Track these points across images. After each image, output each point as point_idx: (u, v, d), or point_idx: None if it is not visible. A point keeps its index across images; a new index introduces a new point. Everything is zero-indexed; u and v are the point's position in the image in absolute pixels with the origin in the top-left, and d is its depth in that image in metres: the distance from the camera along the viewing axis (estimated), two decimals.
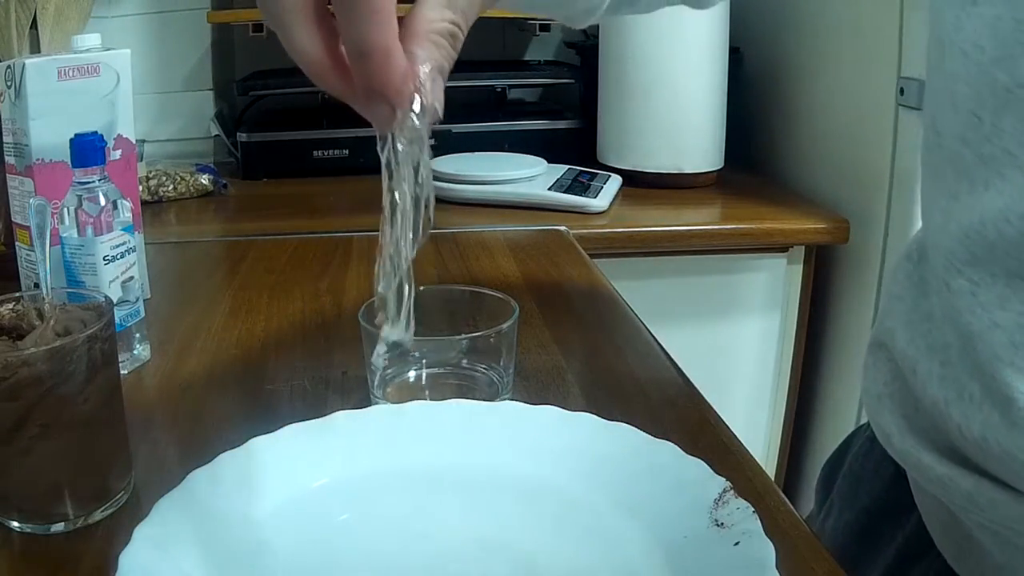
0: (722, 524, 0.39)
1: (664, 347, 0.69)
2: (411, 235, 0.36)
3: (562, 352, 0.66)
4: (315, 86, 0.34)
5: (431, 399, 0.53)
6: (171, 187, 1.19)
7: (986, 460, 0.38)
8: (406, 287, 0.36)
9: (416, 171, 0.35)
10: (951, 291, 0.40)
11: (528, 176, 1.18)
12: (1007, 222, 0.36)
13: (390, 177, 0.35)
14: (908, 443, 0.44)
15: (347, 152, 1.31)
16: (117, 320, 0.60)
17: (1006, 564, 0.42)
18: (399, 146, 0.34)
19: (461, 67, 0.38)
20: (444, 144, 1.26)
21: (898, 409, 0.45)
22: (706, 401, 0.60)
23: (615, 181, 1.23)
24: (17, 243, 0.68)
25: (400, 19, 0.33)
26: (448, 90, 0.35)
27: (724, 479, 0.42)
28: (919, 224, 0.48)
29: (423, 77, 0.34)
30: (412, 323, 0.37)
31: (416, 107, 0.33)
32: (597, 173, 1.24)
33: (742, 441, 0.54)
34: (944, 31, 0.39)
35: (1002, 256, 0.37)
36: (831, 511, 0.58)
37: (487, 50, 1.55)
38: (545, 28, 1.44)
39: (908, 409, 0.44)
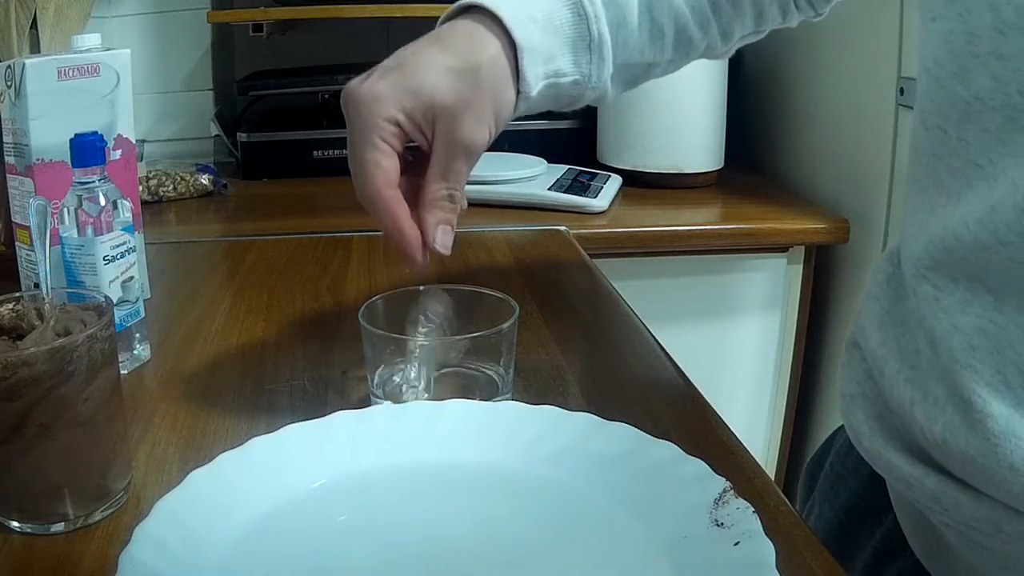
0: (722, 524, 0.39)
1: (664, 347, 0.69)
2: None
3: (562, 352, 0.66)
4: (315, 86, 0.39)
5: (431, 399, 0.53)
6: (171, 187, 1.19)
7: (948, 461, 0.39)
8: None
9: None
10: (917, 296, 0.41)
11: (528, 176, 1.18)
12: (964, 226, 0.37)
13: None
14: (877, 443, 0.44)
15: (347, 152, 1.31)
16: (117, 320, 0.60)
17: (974, 563, 0.42)
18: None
19: None
20: None
21: (870, 409, 0.45)
22: (706, 401, 0.60)
23: (615, 181, 1.23)
24: (17, 243, 0.68)
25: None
26: None
27: (724, 479, 0.42)
28: None
29: (431, 231, 0.50)
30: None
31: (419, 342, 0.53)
32: (597, 173, 1.24)
33: (742, 441, 0.54)
34: (918, 51, 0.41)
35: (960, 261, 0.38)
36: (812, 509, 0.59)
37: None
38: None
39: (879, 409, 0.45)
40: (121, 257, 0.60)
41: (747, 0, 0.59)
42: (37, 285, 0.49)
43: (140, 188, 1.13)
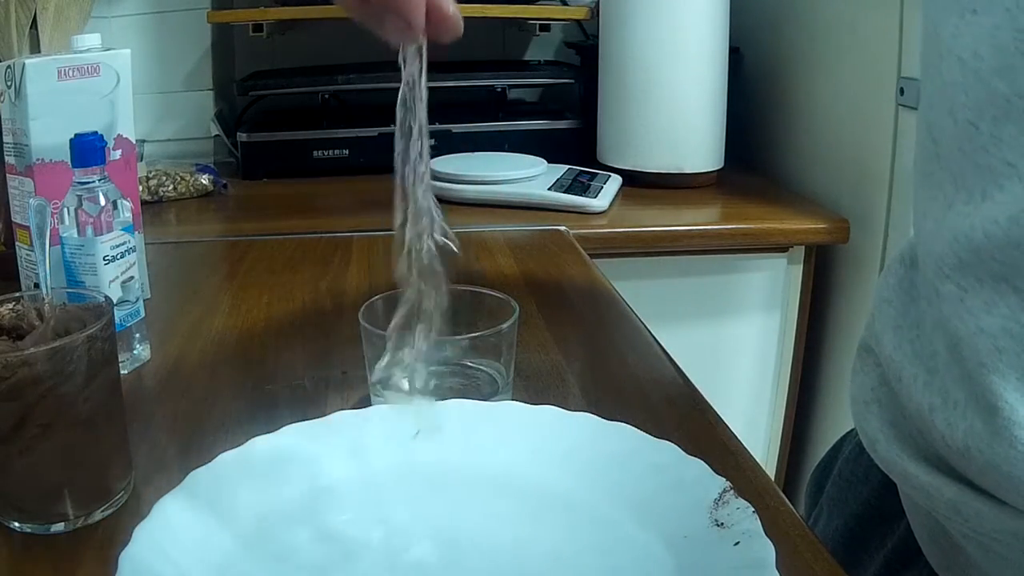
0: (722, 524, 0.39)
1: (664, 347, 0.69)
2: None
3: (562, 352, 0.66)
4: (315, 86, 0.37)
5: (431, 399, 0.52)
6: (171, 187, 1.19)
7: (969, 470, 0.38)
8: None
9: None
10: (940, 297, 0.39)
11: (528, 176, 1.18)
12: (995, 223, 0.36)
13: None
14: (893, 451, 0.43)
15: (347, 152, 1.31)
16: (117, 320, 0.60)
17: (992, 574, 0.41)
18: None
19: (461, 67, 0.40)
20: (444, 144, 1.26)
21: (884, 416, 0.44)
22: (706, 401, 0.60)
23: (615, 181, 1.23)
24: (17, 243, 0.68)
25: None
26: (448, 90, 0.39)
27: (724, 479, 0.42)
28: None
29: None
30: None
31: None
32: (597, 173, 1.24)
33: (742, 441, 0.54)
34: (941, 39, 0.39)
35: (988, 260, 0.36)
36: (820, 516, 0.58)
37: (487, 50, 1.55)
38: (545, 28, 1.44)
39: (894, 416, 0.44)
40: (121, 257, 0.60)
41: None
42: (37, 285, 0.49)
43: (140, 188, 1.13)
